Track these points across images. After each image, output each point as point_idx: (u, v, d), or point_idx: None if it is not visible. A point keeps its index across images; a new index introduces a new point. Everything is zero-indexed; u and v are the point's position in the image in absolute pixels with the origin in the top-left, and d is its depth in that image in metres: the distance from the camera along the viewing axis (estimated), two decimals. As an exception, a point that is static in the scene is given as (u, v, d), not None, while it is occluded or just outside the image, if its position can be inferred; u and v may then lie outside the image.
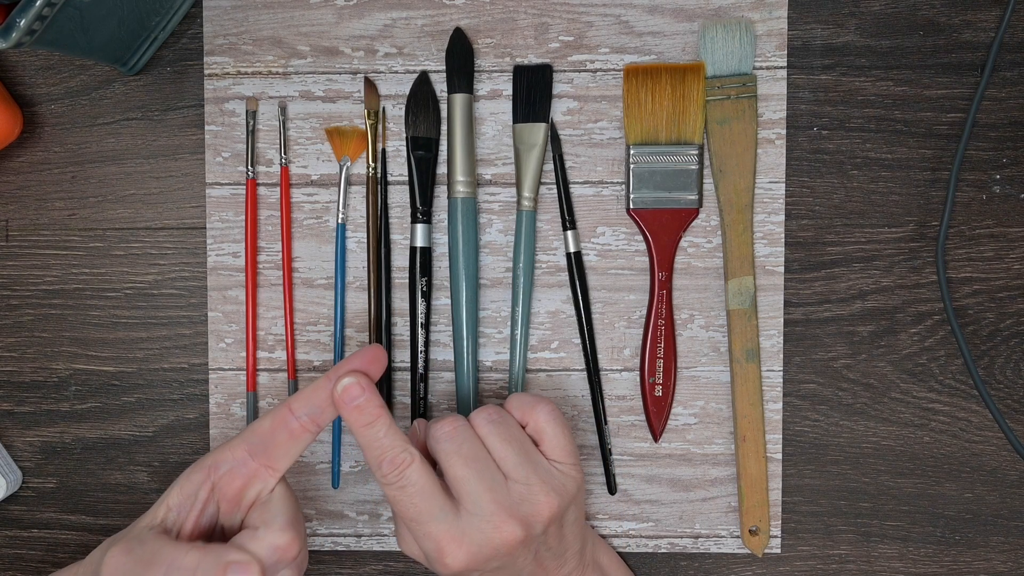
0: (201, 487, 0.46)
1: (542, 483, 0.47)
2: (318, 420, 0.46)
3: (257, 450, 0.46)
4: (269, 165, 0.56)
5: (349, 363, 0.46)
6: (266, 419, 0.46)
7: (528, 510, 0.46)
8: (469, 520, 0.46)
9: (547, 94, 0.54)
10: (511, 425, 0.48)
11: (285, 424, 0.46)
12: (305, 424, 0.46)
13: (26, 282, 0.57)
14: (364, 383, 0.45)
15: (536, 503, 0.46)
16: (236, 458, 0.46)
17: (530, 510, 0.46)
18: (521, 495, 0.46)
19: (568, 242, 0.55)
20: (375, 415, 0.45)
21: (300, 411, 0.46)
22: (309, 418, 0.46)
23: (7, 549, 0.58)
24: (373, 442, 0.45)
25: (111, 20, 0.50)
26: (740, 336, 0.55)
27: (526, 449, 0.48)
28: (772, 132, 0.55)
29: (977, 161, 0.55)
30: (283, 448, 0.46)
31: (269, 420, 0.46)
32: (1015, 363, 0.55)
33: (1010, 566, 0.56)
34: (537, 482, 0.47)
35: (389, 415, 0.46)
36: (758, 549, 0.55)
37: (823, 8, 0.55)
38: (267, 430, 0.46)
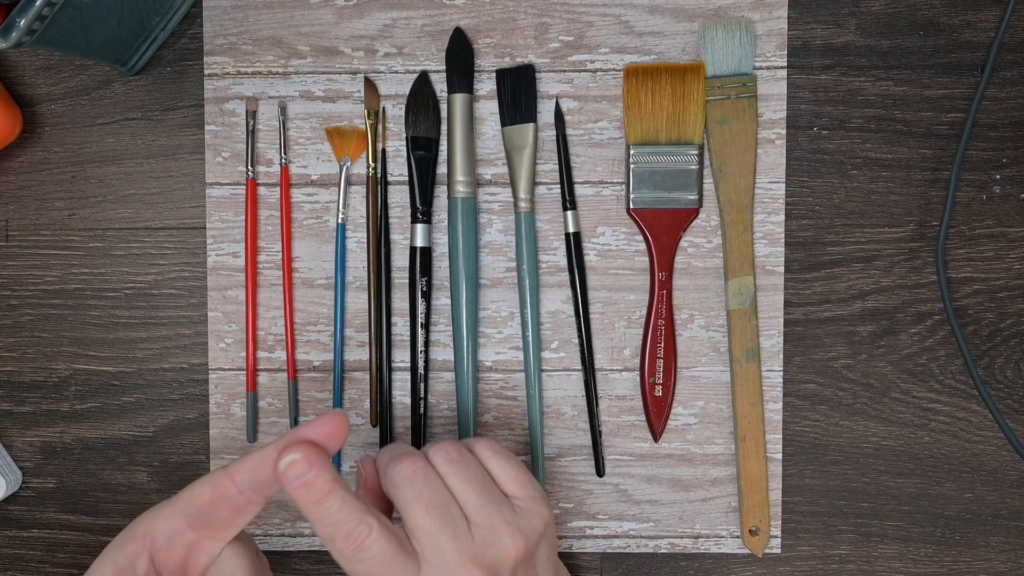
0: (138, 560, 0.42)
1: (507, 524, 0.43)
2: (264, 492, 0.42)
3: (196, 522, 0.42)
4: (269, 165, 0.56)
5: (303, 431, 0.41)
6: (206, 487, 0.41)
7: (493, 556, 0.43)
8: (432, 574, 0.42)
9: (532, 94, 0.54)
10: (471, 463, 0.45)
11: (227, 497, 0.41)
12: (249, 497, 0.41)
13: (26, 282, 0.57)
14: (312, 456, 0.40)
15: (502, 547, 0.43)
16: (173, 528, 0.42)
17: (495, 555, 0.43)
18: (485, 540, 0.43)
19: (568, 222, 0.55)
20: (325, 490, 0.40)
21: (244, 484, 0.41)
22: (253, 491, 0.41)
23: (7, 549, 0.58)
24: (325, 519, 0.41)
25: (111, 20, 0.50)
26: (740, 336, 0.55)
27: (488, 489, 0.44)
28: (772, 132, 0.55)
29: (977, 161, 0.55)
30: (226, 521, 0.42)
31: (209, 490, 0.41)
32: (1015, 363, 0.55)
33: (1010, 566, 0.56)
34: (502, 524, 0.43)
35: (342, 485, 0.41)
36: (758, 549, 0.55)
37: (823, 8, 0.55)
38: (207, 501, 0.41)
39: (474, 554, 0.42)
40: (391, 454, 0.45)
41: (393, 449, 0.45)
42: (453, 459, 0.44)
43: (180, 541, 0.42)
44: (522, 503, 0.45)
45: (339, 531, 0.41)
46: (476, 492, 0.44)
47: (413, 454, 0.44)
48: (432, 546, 0.42)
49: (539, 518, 0.45)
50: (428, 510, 0.42)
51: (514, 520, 0.44)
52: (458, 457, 0.45)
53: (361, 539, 0.41)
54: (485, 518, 0.43)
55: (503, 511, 0.44)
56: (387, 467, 0.44)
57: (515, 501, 0.45)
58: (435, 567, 0.42)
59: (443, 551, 0.42)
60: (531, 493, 0.45)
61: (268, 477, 0.41)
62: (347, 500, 0.41)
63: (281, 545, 0.57)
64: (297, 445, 0.40)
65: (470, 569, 0.42)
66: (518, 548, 0.43)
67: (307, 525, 0.57)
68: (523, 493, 0.45)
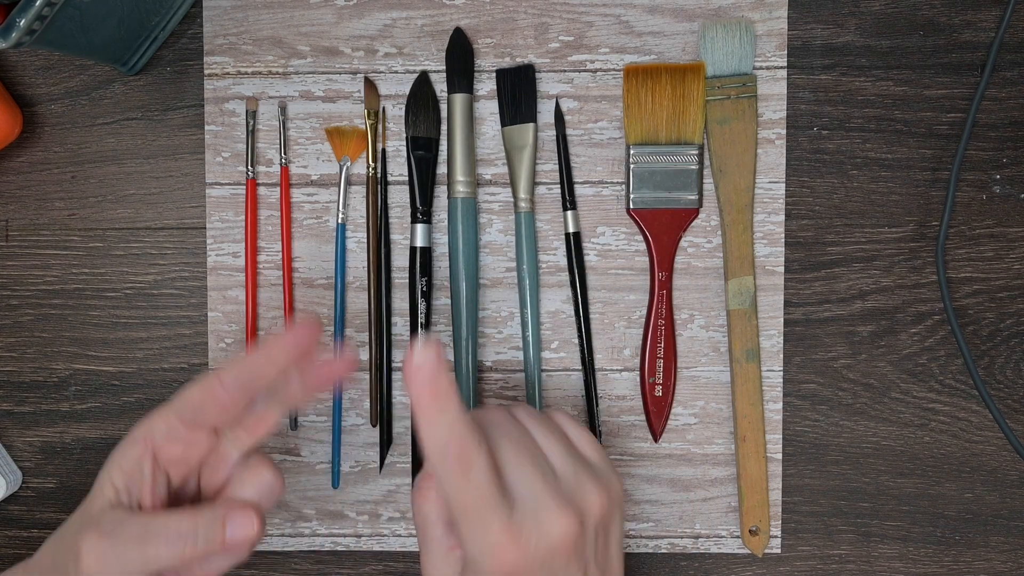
0: (143, 460, 0.44)
1: (591, 478, 0.43)
2: (248, 391, 0.43)
3: (188, 419, 0.44)
4: (269, 165, 0.56)
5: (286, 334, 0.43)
6: (195, 387, 0.44)
7: (580, 502, 0.42)
8: (524, 510, 0.40)
9: (532, 94, 0.54)
10: (550, 422, 0.45)
11: (213, 395, 0.43)
12: (234, 395, 0.43)
13: (26, 282, 0.57)
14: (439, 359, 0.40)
15: (587, 495, 0.42)
16: (169, 426, 0.44)
17: (583, 502, 0.42)
18: (571, 486, 0.42)
19: (568, 222, 0.55)
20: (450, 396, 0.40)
21: (230, 384, 0.43)
22: (238, 390, 0.43)
23: (7, 549, 0.58)
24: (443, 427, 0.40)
25: (111, 20, 0.50)
26: (740, 336, 0.55)
27: (569, 445, 0.44)
28: (772, 132, 0.55)
29: (977, 161, 0.55)
30: (214, 417, 0.44)
31: (198, 390, 0.44)
32: (1015, 363, 0.55)
33: (1010, 566, 0.56)
34: (586, 477, 0.43)
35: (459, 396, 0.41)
36: (758, 549, 0.55)
37: (823, 8, 0.55)
38: (196, 400, 0.43)
39: (563, 494, 0.41)
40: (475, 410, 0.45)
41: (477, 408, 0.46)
42: (535, 415, 0.45)
43: (177, 436, 0.44)
44: (600, 465, 0.45)
45: (451, 448, 0.40)
46: (562, 446, 0.44)
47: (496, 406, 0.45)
48: (525, 484, 0.41)
49: (617, 481, 0.45)
50: (518, 449, 0.42)
51: (596, 475, 0.43)
52: (538, 415, 0.45)
53: (472, 458, 0.40)
54: (570, 468, 0.43)
55: (585, 465, 0.43)
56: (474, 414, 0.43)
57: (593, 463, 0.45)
58: (527, 503, 0.41)
59: (535, 490, 0.41)
60: (607, 462, 0.45)
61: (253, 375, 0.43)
62: (465, 416, 0.40)
63: (281, 545, 0.57)
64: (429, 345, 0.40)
65: (562, 506, 0.41)
66: (602, 500, 0.42)
67: (307, 525, 0.57)
68: (600, 458, 0.45)
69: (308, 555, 0.57)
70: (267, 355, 0.43)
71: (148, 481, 0.44)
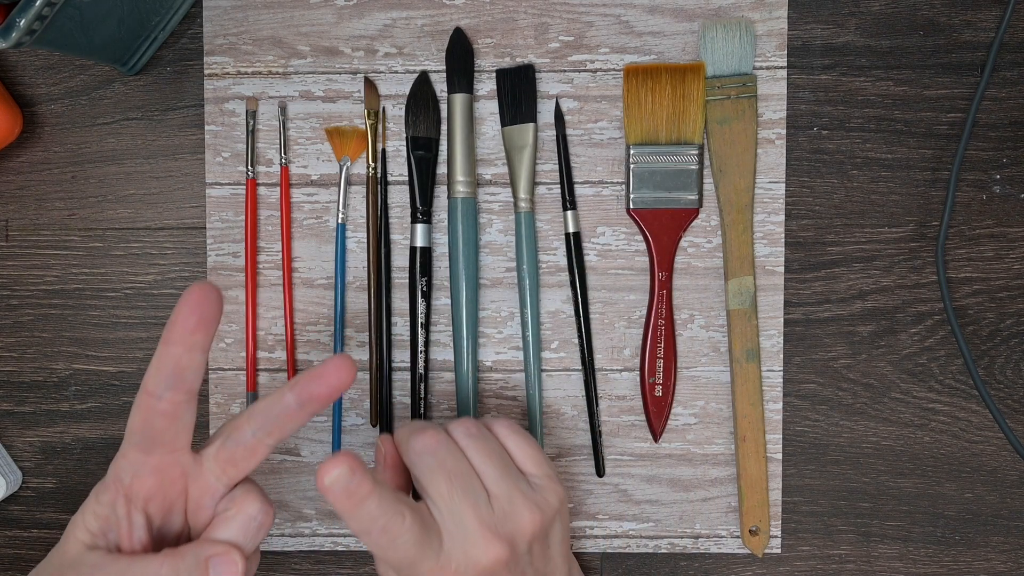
0: (115, 502, 0.42)
1: (524, 498, 0.45)
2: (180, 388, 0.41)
3: (146, 445, 0.41)
4: (269, 165, 0.56)
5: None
6: (133, 413, 0.42)
7: (512, 527, 0.44)
8: (452, 543, 0.44)
9: (532, 94, 0.54)
10: (490, 440, 0.46)
11: (152, 409, 0.41)
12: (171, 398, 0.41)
13: (26, 282, 0.57)
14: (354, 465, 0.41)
15: (519, 520, 0.45)
16: (130, 461, 0.42)
17: (514, 527, 0.44)
18: (504, 512, 0.44)
19: (568, 222, 0.55)
20: (365, 494, 0.42)
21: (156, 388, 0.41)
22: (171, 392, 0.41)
23: (7, 549, 0.58)
24: (363, 517, 0.42)
25: (111, 20, 0.50)
26: (740, 336, 0.55)
27: (506, 463, 0.46)
28: (772, 132, 0.55)
29: (977, 161, 0.55)
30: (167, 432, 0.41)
31: (136, 412, 0.41)
32: (1015, 363, 0.55)
33: (1010, 566, 0.56)
34: (520, 497, 0.45)
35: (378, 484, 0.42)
36: (758, 549, 0.55)
37: (823, 8, 0.55)
38: (140, 422, 0.41)
39: (493, 524, 0.44)
40: (411, 428, 0.46)
41: (413, 425, 0.46)
42: (473, 434, 0.46)
43: (145, 469, 0.42)
44: (538, 480, 0.46)
45: (375, 526, 0.42)
46: (495, 466, 0.45)
47: (435, 427, 0.46)
48: (453, 516, 0.44)
49: (555, 495, 0.46)
50: (450, 479, 0.44)
51: (531, 495, 0.45)
52: (477, 433, 0.46)
53: (395, 530, 0.43)
54: (504, 491, 0.45)
55: (521, 485, 0.45)
56: (409, 439, 0.45)
57: (531, 478, 0.47)
58: (455, 537, 0.44)
59: (464, 521, 0.44)
60: (547, 472, 0.47)
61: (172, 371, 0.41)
62: (383, 496, 0.42)
63: (281, 545, 0.57)
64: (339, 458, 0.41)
65: (489, 539, 0.44)
66: (535, 521, 0.45)
67: (307, 525, 0.57)
68: (539, 471, 0.47)
69: (308, 555, 0.57)
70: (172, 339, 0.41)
71: (124, 523, 0.42)
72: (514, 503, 0.45)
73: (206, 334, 0.41)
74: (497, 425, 0.48)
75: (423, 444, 0.45)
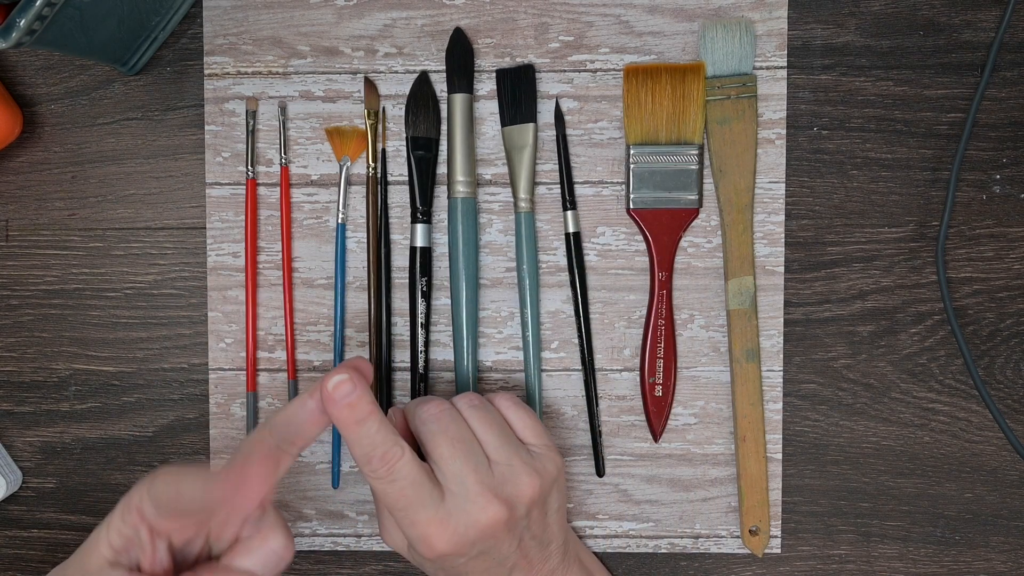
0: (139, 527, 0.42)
1: (523, 464, 0.47)
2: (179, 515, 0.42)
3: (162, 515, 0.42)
4: (269, 165, 0.56)
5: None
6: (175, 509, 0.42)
7: (511, 491, 0.47)
8: (454, 502, 0.46)
9: (532, 94, 0.54)
10: (491, 410, 0.49)
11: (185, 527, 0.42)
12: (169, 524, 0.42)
13: (26, 282, 0.57)
14: (356, 379, 0.43)
15: (519, 484, 0.47)
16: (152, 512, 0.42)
17: (513, 491, 0.47)
18: (504, 476, 0.47)
19: (568, 222, 0.55)
20: (367, 411, 0.44)
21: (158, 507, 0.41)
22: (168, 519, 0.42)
23: (7, 549, 0.58)
24: (364, 439, 0.44)
25: (111, 20, 0.50)
26: (740, 336, 0.55)
27: (506, 433, 0.48)
28: (772, 132, 0.55)
29: (977, 161, 0.55)
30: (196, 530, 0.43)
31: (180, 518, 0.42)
32: (1015, 363, 0.55)
33: (1010, 566, 0.56)
34: (519, 463, 0.47)
35: (380, 410, 0.45)
36: (758, 549, 0.55)
37: (823, 8, 0.55)
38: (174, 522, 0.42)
39: (493, 486, 0.46)
40: (419, 400, 0.49)
41: (420, 398, 0.49)
42: (475, 405, 0.49)
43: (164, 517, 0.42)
44: (537, 449, 0.49)
45: (376, 452, 0.44)
46: (496, 434, 0.48)
47: (439, 398, 0.48)
48: (455, 476, 0.46)
49: (553, 464, 0.49)
50: (453, 444, 0.46)
51: (531, 461, 0.48)
52: (479, 403, 0.49)
53: (395, 460, 0.45)
54: (504, 457, 0.47)
55: (521, 453, 0.48)
56: (415, 408, 0.48)
57: (531, 448, 0.49)
58: (457, 496, 0.46)
59: (465, 482, 0.46)
60: (546, 442, 0.50)
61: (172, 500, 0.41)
62: (384, 424, 0.45)
63: (281, 545, 0.57)
64: (343, 368, 0.44)
65: (489, 499, 0.46)
66: (533, 487, 0.47)
67: (307, 525, 0.57)
68: (538, 441, 0.49)
69: (308, 555, 0.57)
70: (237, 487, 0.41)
71: (147, 548, 0.42)
72: (514, 468, 0.47)
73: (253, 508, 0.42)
74: (498, 398, 0.50)
75: (428, 412, 0.48)
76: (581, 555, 0.54)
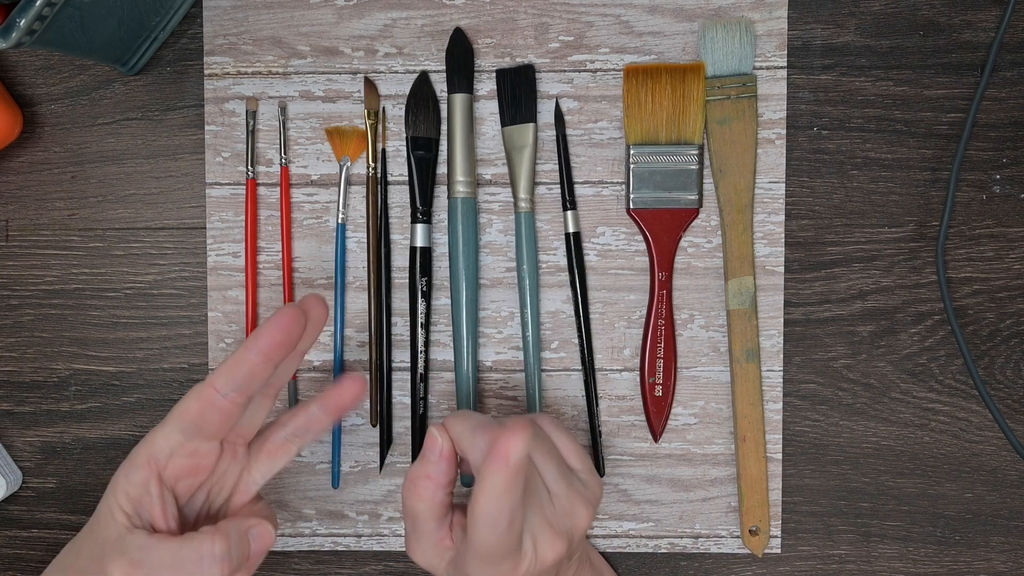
0: (149, 482, 0.44)
1: (578, 495, 0.47)
2: (246, 392, 0.44)
3: (192, 433, 0.44)
4: (269, 165, 0.56)
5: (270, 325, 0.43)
6: (192, 400, 0.44)
7: (570, 524, 0.46)
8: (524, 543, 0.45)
9: (532, 94, 0.54)
10: (545, 439, 0.47)
11: (212, 403, 0.43)
12: (233, 399, 0.43)
13: (26, 282, 0.57)
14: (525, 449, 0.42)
15: (576, 516, 0.46)
16: (172, 444, 0.44)
17: (571, 524, 0.46)
18: (564, 509, 0.46)
19: (568, 222, 0.55)
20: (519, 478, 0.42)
21: (224, 387, 0.43)
22: (236, 392, 0.43)
23: (7, 549, 0.58)
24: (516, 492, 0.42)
25: (111, 20, 0.50)
26: (740, 336, 0.55)
27: (560, 462, 0.47)
28: (772, 132, 0.55)
29: (977, 161, 0.55)
30: (218, 426, 0.44)
31: (195, 401, 0.44)
32: (1015, 363, 0.55)
33: (1010, 566, 0.56)
34: (575, 494, 0.46)
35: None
36: (758, 549, 0.55)
37: (823, 8, 0.55)
38: (195, 412, 0.44)
39: (556, 522, 0.46)
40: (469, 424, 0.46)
41: (467, 419, 0.46)
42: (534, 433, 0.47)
43: (183, 452, 0.44)
44: (584, 475, 0.48)
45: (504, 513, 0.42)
46: (554, 465, 0.47)
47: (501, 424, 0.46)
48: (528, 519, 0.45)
49: (599, 487, 0.49)
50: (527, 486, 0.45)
51: (583, 491, 0.47)
52: (536, 432, 0.47)
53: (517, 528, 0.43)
54: (563, 489, 0.46)
55: (575, 483, 0.47)
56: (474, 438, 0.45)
57: (578, 474, 0.48)
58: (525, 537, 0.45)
59: (532, 520, 0.45)
60: (588, 466, 0.49)
61: (245, 375, 0.43)
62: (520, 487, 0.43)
63: (281, 545, 0.57)
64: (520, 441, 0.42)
65: (554, 538, 0.45)
66: (589, 518, 0.47)
67: (307, 525, 0.57)
68: (583, 466, 0.49)
69: (308, 555, 0.57)
70: (256, 350, 0.43)
71: (157, 503, 0.44)
72: (572, 501, 0.46)
73: (284, 352, 0.44)
74: (543, 421, 0.49)
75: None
76: (590, 554, 0.54)
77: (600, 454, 0.56)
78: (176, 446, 0.44)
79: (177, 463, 0.44)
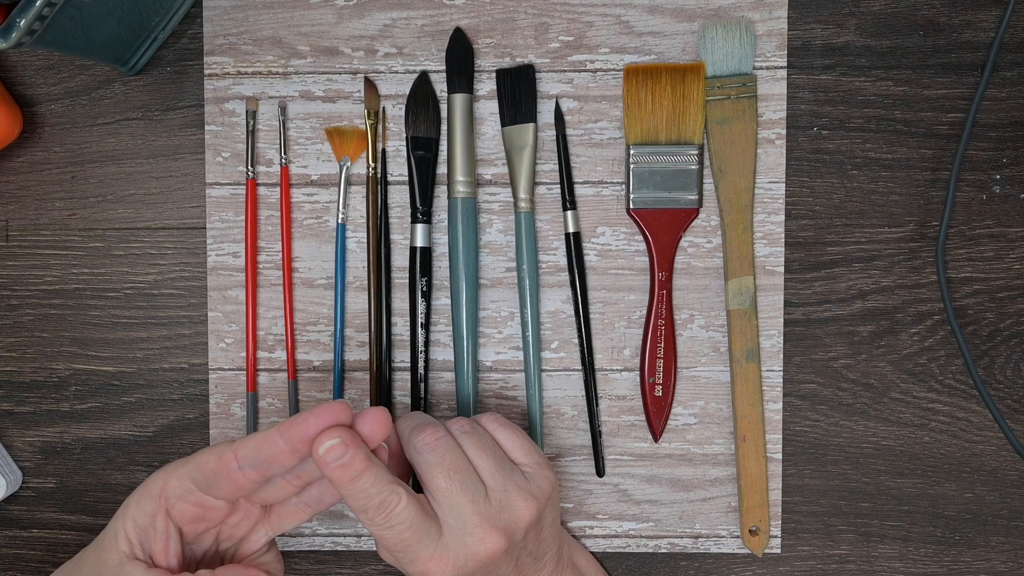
0: (156, 516, 0.44)
1: (519, 489, 0.47)
2: (263, 472, 0.43)
3: (202, 486, 0.44)
4: (269, 165, 0.56)
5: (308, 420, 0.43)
6: (212, 456, 0.44)
7: (508, 518, 0.46)
8: (452, 536, 0.45)
9: (532, 94, 0.54)
10: (483, 435, 0.48)
11: (227, 470, 0.43)
12: (248, 475, 0.43)
13: (26, 282, 0.57)
14: (348, 438, 0.42)
15: (516, 510, 0.46)
16: (184, 488, 0.44)
17: (511, 518, 0.46)
18: (501, 503, 0.46)
19: (568, 222, 0.55)
20: (360, 469, 0.43)
21: (244, 460, 0.43)
22: (253, 469, 0.43)
23: (7, 549, 0.58)
24: (359, 493, 0.43)
25: (111, 20, 0.50)
26: (740, 336, 0.55)
27: (500, 457, 0.48)
28: (772, 132, 0.55)
29: (977, 161, 0.55)
30: (225, 492, 0.44)
31: (215, 459, 0.44)
32: (1015, 363, 0.55)
33: (1010, 566, 0.56)
34: (514, 488, 0.47)
35: (373, 461, 0.44)
36: (758, 549, 0.56)
37: (823, 8, 0.55)
38: (211, 470, 0.44)
39: (491, 516, 0.46)
40: (412, 423, 0.48)
41: (413, 418, 0.49)
42: (467, 431, 0.48)
43: (191, 499, 0.44)
44: (529, 469, 0.48)
45: (372, 503, 0.44)
46: (490, 459, 0.47)
47: (434, 424, 0.47)
48: (452, 509, 0.45)
49: (546, 481, 0.48)
50: (449, 475, 0.46)
51: (525, 485, 0.47)
52: (471, 429, 0.48)
53: (391, 507, 0.44)
54: (499, 483, 0.47)
55: (515, 477, 0.47)
56: (410, 435, 0.47)
57: (523, 468, 0.48)
58: (455, 529, 0.45)
59: (463, 514, 0.45)
60: (536, 459, 0.49)
61: (268, 457, 0.43)
62: (378, 475, 0.44)
63: (281, 545, 0.57)
64: (333, 430, 0.42)
65: (487, 531, 0.45)
66: (531, 511, 0.47)
67: (307, 525, 0.57)
68: (529, 460, 0.49)
69: (308, 555, 0.57)
70: (288, 439, 0.42)
71: (161, 537, 0.44)
72: (509, 494, 0.47)
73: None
74: (486, 420, 0.50)
75: (423, 441, 0.47)
76: (576, 557, 0.54)
77: (600, 454, 0.56)
78: (187, 493, 0.44)
79: (185, 508, 0.45)
